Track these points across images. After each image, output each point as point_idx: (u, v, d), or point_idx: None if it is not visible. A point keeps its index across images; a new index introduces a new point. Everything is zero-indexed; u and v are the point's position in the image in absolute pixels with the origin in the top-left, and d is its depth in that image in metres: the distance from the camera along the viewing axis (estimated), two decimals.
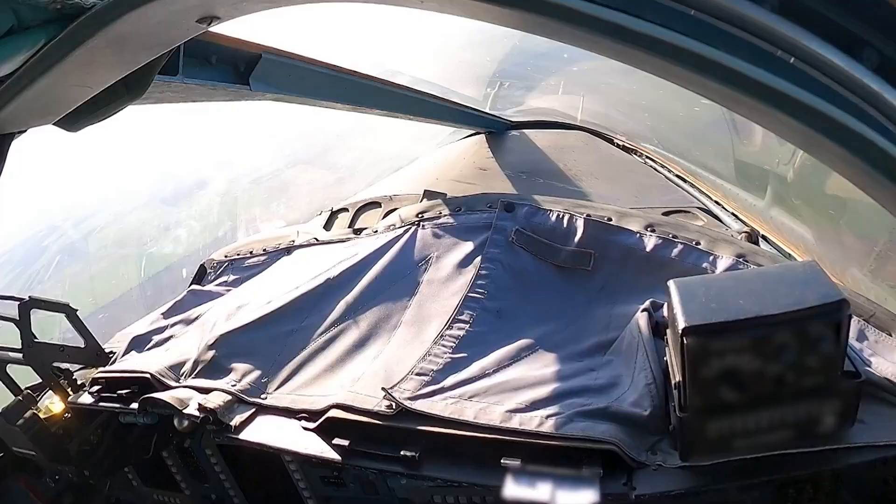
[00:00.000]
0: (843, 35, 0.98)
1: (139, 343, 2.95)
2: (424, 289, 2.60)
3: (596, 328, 2.25)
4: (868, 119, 0.98)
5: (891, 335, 1.84)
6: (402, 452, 1.94)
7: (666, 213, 2.80)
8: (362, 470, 2.08)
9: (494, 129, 5.77)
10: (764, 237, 3.05)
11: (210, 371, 2.53)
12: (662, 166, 4.57)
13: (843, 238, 3.10)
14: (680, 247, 2.32)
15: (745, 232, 2.64)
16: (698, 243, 2.30)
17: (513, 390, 1.98)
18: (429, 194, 3.10)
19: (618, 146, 5.15)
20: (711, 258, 2.25)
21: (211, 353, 2.58)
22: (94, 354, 2.88)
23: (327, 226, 3.53)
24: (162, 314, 3.16)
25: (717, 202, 3.74)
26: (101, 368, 2.79)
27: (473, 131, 5.87)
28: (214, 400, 2.32)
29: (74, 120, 2.15)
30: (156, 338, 2.97)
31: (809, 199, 3.43)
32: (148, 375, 2.54)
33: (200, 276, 3.57)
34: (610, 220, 2.49)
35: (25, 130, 2.16)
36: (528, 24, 1.26)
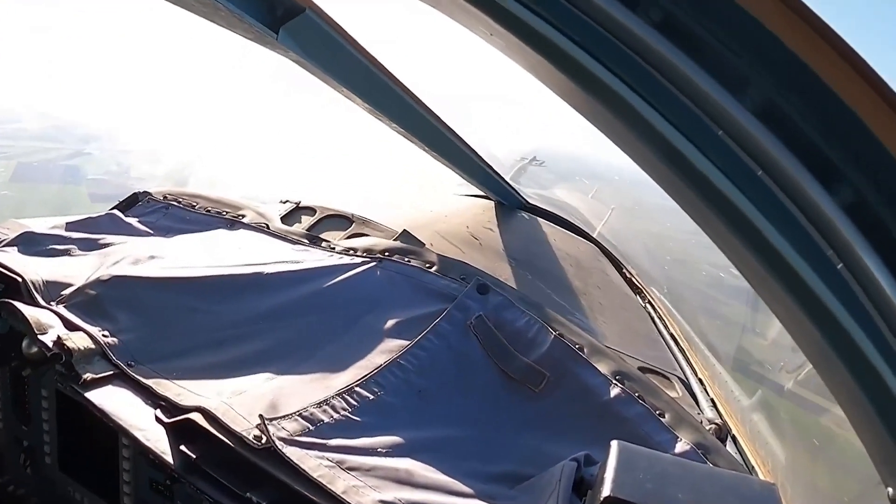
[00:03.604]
0: None
1: (28, 241, 2.89)
2: (356, 332, 2.55)
3: (516, 456, 2.20)
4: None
5: None
6: (248, 494, 1.86)
7: (642, 370, 2.80)
8: (197, 491, 1.98)
9: (505, 202, 5.82)
10: (734, 438, 3.05)
11: (88, 308, 2.46)
12: (661, 318, 4.60)
13: (819, 478, 3.11)
14: (641, 410, 2.31)
15: (717, 424, 2.64)
16: (662, 415, 2.29)
17: (396, 482, 1.92)
18: (405, 236, 3.09)
19: (624, 277, 5.20)
20: (669, 437, 2.24)
21: (98, 290, 2.52)
22: None
23: (286, 219, 3.49)
24: (67, 223, 3.10)
25: (700, 380, 3.76)
26: None
27: (484, 194, 5.92)
28: (77, 341, 2.25)
29: None
30: (49, 245, 2.91)
31: (799, 420, 3.45)
32: (20, 279, 2.48)
33: (128, 204, 3.50)
34: (582, 349, 2.48)
35: None
36: (581, 104, 1.28)
